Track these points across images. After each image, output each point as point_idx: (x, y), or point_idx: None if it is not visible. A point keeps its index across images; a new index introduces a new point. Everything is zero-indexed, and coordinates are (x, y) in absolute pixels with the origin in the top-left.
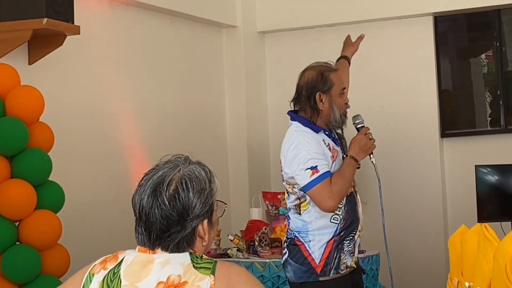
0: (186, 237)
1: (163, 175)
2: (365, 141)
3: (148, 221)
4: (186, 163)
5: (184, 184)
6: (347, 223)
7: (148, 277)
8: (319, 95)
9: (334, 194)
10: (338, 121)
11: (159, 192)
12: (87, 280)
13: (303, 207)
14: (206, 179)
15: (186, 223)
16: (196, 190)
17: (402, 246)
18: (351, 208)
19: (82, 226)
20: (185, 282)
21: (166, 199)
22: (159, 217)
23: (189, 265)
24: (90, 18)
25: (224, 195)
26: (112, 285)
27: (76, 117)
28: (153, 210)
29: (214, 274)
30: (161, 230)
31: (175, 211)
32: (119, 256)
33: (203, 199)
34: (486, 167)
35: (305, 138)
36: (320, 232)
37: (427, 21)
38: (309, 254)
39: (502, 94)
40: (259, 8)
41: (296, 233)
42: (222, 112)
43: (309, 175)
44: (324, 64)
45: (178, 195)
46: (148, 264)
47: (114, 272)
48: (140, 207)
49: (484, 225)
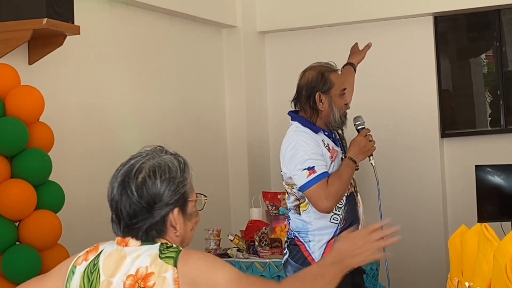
0: (155, 225)
1: (134, 164)
2: (365, 142)
3: (118, 209)
4: (160, 153)
5: (152, 172)
6: (347, 223)
7: (120, 271)
8: (318, 95)
9: (331, 195)
10: (337, 121)
11: (127, 182)
12: (71, 272)
13: (303, 207)
14: (178, 168)
15: (154, 211)
16: (164, 179)
17: (402, 246)
18: (351, 208)
19: (82, 226)
20: (151, 273)
21: (134, 187)
22: (128, 205)
23: (156, 255)
24: (90, 18)
25: (224, 195)
26: (92, 277)
27: (76, 117)
28: (122, 198)
29: (177, 266)
30: (129, 217)
31: (142, 199)
32: (99, 247)
33: (173, 187)
34: (486, 167)
35: (304, 139)
36: (320, 232)
37: (427, 21)
38: (309, 254)
39: (502, 94)
40: (259, 8)
41: (296, 233)
42: (222, 112)
43: (306, 176)
44: (324, 65)
45: (146, 183)
46: (122, 259)
47: (94, 264)
48: (112, 196)
49: (484, 225)
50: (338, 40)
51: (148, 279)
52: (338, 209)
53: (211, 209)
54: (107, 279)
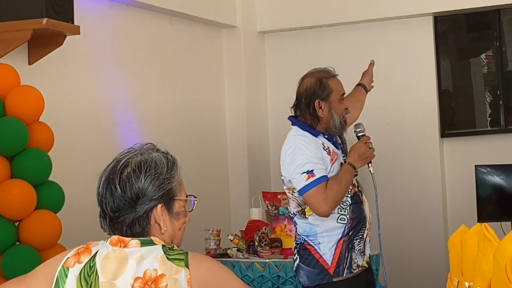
0: (138, 220)
1: (121, 159)
2: (365, 149)
3: (103, 204)
4: (150, 150)
5: (138, 168)
6: (354, 223)
7: (124, 274)
8: (318, 103)
9: (329, 199)
10: (338, 127)
11: (111, 177)
12: (61, 274)
13: (308, 211)
14: (165, 166)
15: (137, 206)
16: (149, 174)
17: (402, 246)
18: (356, 207)
19: (82, 226)
20: (162, 275)
21: (118, 182)
22: (111, 200)
23: (163, 257)
24: (90, 18)
25: (224, 195)
26: (90, 280)
27: (76, 117)
28: (106, 193)
29: (188, 267)
30: (112, 211)
31: (126, 194)
32: (92, 248)
33: (157, 183)
34: (486, 167)
35: (303, 142)
36: (329, 234)
37: (427, 21)
38: (320, 256)
39: (502, 94)
40: (259, 8)
41: (305, 237)
42: (222, 112)
43: (305, 179)
44: (322, 70)
45: (130, 178)
46: (123, 260)
47: (90, 266)
48: (98, 192)
49: (484, 225)
50: (338, 40)
51: (159, 281)
52: (344, 210)
53: (211, 209)
54: (108, 281)
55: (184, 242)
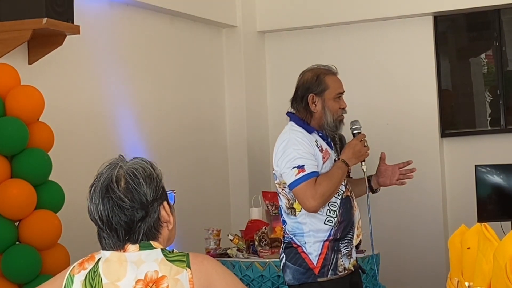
0: (154, 224)
1: (108, 176)
2: (359, 147)
3: (110, 222)
4: (124, 161)
5: (132, 174)
6: (342, 226)
7: (126, 277)
8: (311, 97)
9: (318, 195)
10: (330, 124)
11: (111, 191)
12: (68, 281)
13: (297, 207)
14: (149, 166)
15: (149, 209)
16: (144, 176)
17: (402, 246)
18: (346, 211)
19: (82, 226)
20: (163, 277)
21: (122, 194)
22: (122, 214)
23: (163, 260)
24: (90, 18)
25: (224, 195)
26: (94, 283)
27: (76, 117)
28: (113, 210)
29: (190, 267)
30: (127, 224)
31: (135, 202)
32: (96, 256)
33: (154, 183)
34: (486, 167)
35: (297, 137)
36: (315, 234)
37: (427, 21)
38: (307, 255)
39: (502, 94)
40: (259, 8)
41: (292, 236)
42: (222, 112)
43: (295, 174)
44: (323, 67)
45: (131, 186)
46: (124, 264)
47: (94, 271)
48: (98, 213)
49: (484, 225)
50: (338, 40)
51: (160, 282)
52: (333, 212)
53: (211, 209)
54: (112, 282)
55: (184, 242)
